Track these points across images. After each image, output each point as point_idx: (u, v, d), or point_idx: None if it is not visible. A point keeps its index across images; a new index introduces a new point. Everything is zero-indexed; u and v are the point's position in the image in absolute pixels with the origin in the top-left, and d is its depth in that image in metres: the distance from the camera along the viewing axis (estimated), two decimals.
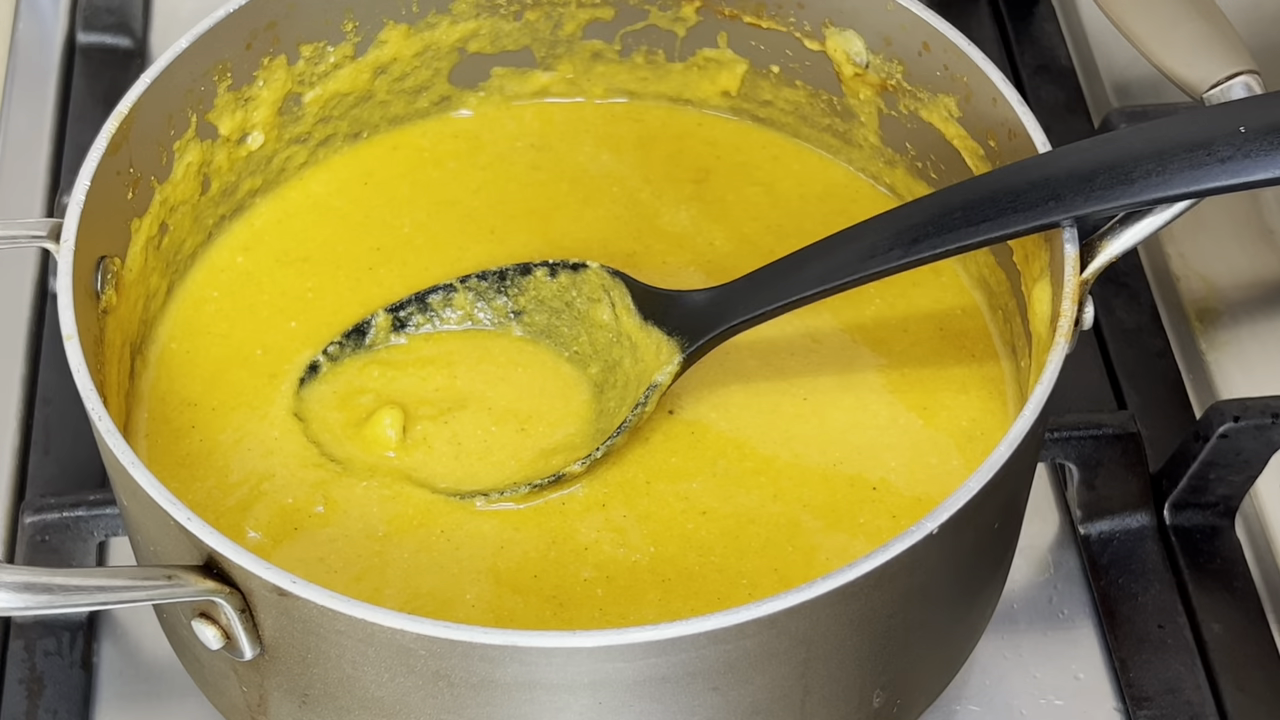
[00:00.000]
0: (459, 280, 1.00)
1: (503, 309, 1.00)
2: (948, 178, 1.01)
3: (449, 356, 0.99)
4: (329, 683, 0.81)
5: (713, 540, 0.91)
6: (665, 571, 0.90)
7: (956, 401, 0.97)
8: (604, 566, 0.91)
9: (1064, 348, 0.84)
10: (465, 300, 1.00)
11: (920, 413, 0.96)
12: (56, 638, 0.99)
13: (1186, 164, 0.82)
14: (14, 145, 1.23)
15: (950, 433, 0.95)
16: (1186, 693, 0.97)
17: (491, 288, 1.00)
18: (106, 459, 0.84)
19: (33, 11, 1.31)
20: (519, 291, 1.00)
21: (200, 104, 0.98)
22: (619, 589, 0.90)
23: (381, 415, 0.96)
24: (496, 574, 0.91)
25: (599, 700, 0.78)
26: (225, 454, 0.95)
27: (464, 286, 1.00)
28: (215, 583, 0.79)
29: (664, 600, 0.89)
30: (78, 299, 0.87)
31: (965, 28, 0.99)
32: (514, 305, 1.00)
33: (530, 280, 1.00)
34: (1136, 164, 0.83)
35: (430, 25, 1.05)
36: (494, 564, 0.91)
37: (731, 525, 0.92)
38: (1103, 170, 0.84)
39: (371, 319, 0.99)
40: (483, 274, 1.00)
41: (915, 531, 0.78)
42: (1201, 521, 1.04)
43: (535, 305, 1.00)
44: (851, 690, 0.84)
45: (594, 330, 0.98)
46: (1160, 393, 1.10)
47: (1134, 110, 1.15)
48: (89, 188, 0.90)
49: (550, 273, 1.00)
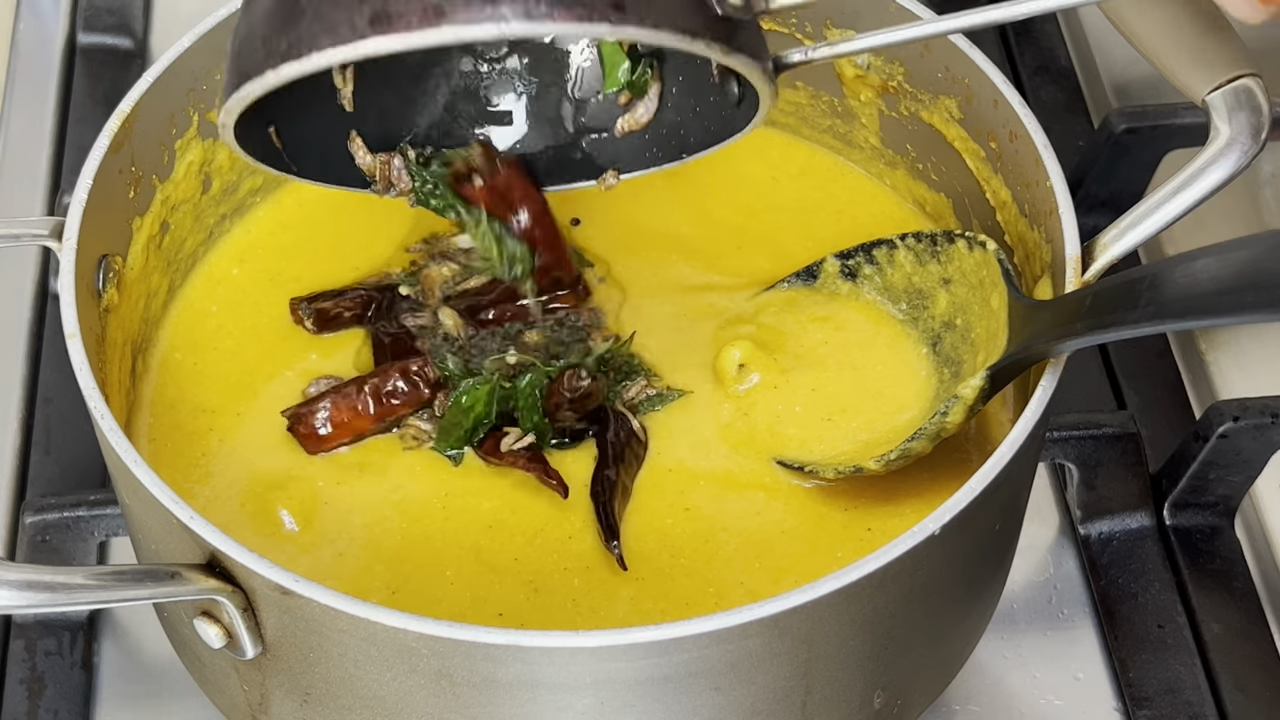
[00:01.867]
0: (899, 237, 0.97)
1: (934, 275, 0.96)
2: (948, 179, 1.01)
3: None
4: (331, 681, 0.81)
5: (684, 541, 0.91)
6: (640, 570, 0.91)
7: None
8: (584, 557, 0.91)
9: None
10: (906, 259, 0.97)
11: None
12: (57, 637, 0.99)
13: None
14: (15, 145, 1.23)
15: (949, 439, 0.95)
16: (1186, 693, 0.97)
17: (926, 250, 0.96)
18: (109, 458, 0.84)
19: (33, 12, 1.31)
20: (948, 259, 0.96)
21: (202, 103, 0.98)
22: (594, 581, 0.90)
23: (731, 348, 0.97)
24: (478, 552, 0.91)
25: (601, 700, 0.78)
26: (226, 455, 0.95)
27: (904, 244, 0.97)
28: (217, 581, 0.79)
29: (636, 598, 0.90)
30: (80, 298, 0.87)
31: None
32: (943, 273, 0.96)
33: (954, 249, 0.95)
34: None
35: None
36: (478, 542, 0.91)
37: (705, 528, 0.92)
38: None
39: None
40: (921, 234, 0.96)
41: (917, 532, 0.78)
42: (1201, 521, 1.04)
43: (959, 276, 0.95)
44: (853, 690, 0.84)
45: (986, 316, 0.93)
46: (1160, 393, 1.10)
47: (1134, 110, 1.15)
48: (91, 186, 0.90)
49: (968, 245, 0.94)
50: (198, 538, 0.78)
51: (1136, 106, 1.16)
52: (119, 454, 0.81)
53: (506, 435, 0.94)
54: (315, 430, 0.94)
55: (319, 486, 0.93)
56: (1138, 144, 1.15)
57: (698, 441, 0.95)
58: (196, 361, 0.99)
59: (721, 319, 1.00)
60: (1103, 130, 1.16)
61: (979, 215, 0.99)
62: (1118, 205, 0.90)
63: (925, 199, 1.04)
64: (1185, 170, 0.86)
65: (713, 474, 0.94)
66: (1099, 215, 1.14)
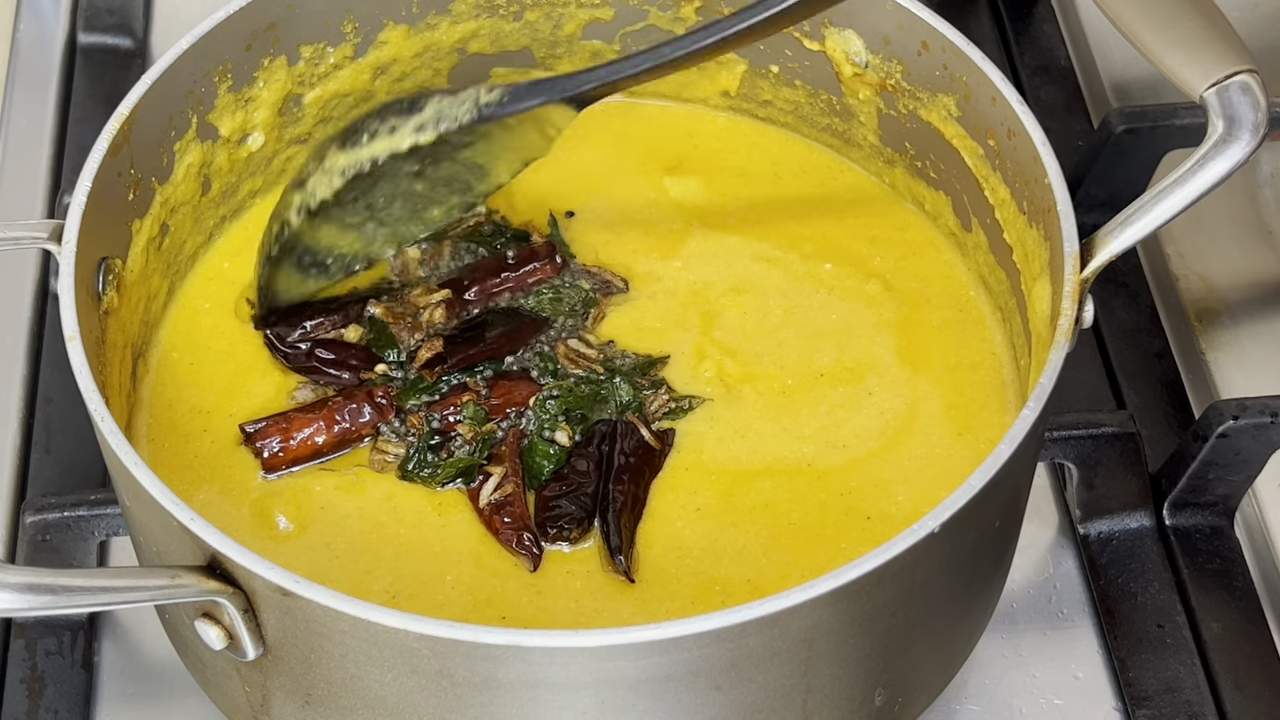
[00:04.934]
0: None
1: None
2: (947, 177, 1.01)
3: None
4: (332, 682, 0.81)
5: (693, 541, 0.92)
6: (646, 573, 0.91)
7: (956, 401, 0.97)
8: (586, 560, 0.91)
9: (1064, 346, 0.84)
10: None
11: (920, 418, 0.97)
12: (57, 637, 0.99)
13: None
14: (15, 146, 1.23)
15: (950, 438, 0.96)
16: (1185, 692, 0.97)
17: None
18: (109, 460, 0.84)
19: (33, 12, 1.31)
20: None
21: (201, 105, 0.98)
22: (597, 584, 0.90)
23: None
24: (478, 558, 0.91)
25: (602, 699, 0.78)
26: (226, 456, 0.95)
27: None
28: (218, 583, 0.79)
29: (640, 600, 0.90)
30: (79, 300, 0.87)
31: (964, 28, 0.99)
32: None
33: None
34: None
35: (430, 26, 1.05)
36: (477, 549, 0.91)
37: (714, 527, 0.92)
38: None
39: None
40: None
41: (917, 530, 0.78)
42: (1201, 521, 1.04)
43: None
44: (853, 689, 0.84)
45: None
46: (1159, 392, 1.10)
47: (1133, 110, 1.15)
48: (90, 189, 0.90)
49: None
50: (198, 539, 0.78)
51: (1136, 107, 1.16)
52: (119, 456, 0.81)
53: (488, 478, 0.94)
54: (262, 452, 0.94)
55: (315, 491, 0.93)
56: (1137, 144, 1.15)
57: (716, 439, 0.96)
58: (193, 361, 0.99)
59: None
60: (1102, 130, 1.16)
61: (978, 213, 1.00)
62: (1117, 205, 0.90)
63: (924, 197, 1.04)
64: (1183, 166, 0.86)
65: (723, 469, 0.94)
66: (1098, 215, 1.13)
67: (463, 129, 0.95)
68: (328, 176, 0.96)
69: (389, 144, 0.95)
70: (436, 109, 0.95)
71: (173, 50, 0.96)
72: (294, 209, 0.97)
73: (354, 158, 0.95)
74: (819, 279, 1.02)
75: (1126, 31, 0.92)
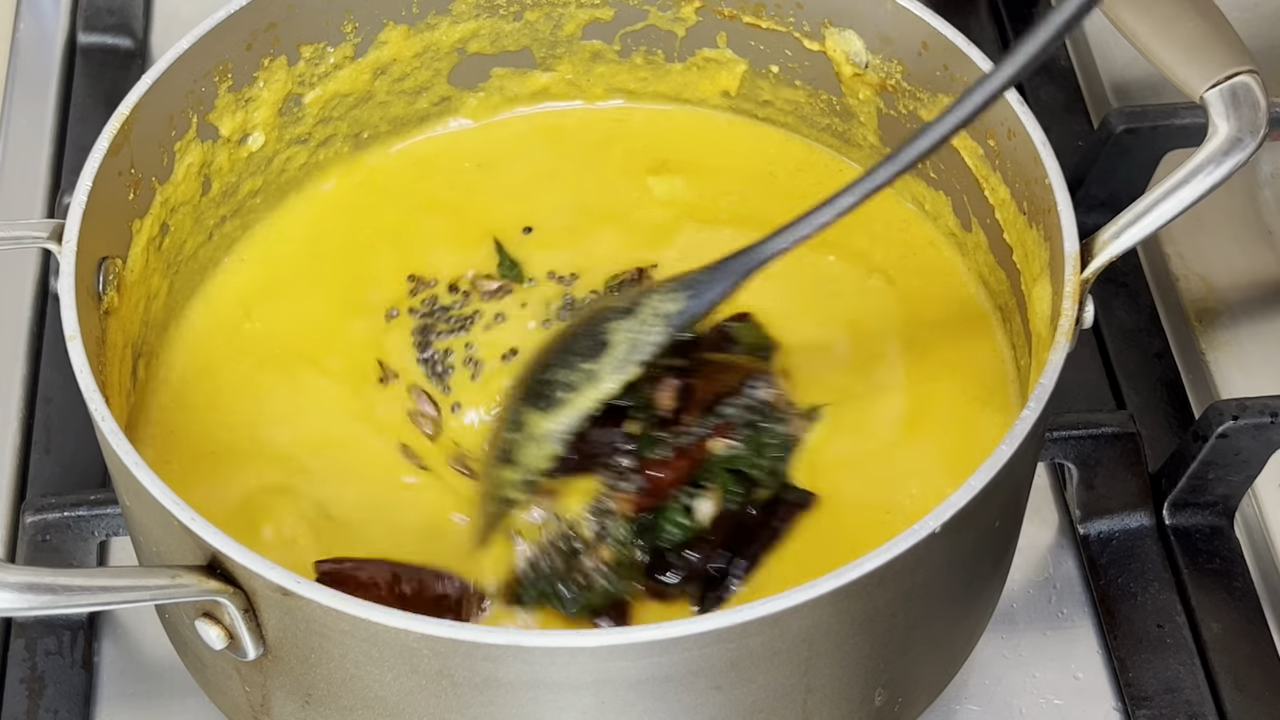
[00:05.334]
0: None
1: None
2: (946, 177, 1.01)
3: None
4: (332, 682, 0.81)
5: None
6: None
7: (957, 400, 0.97)
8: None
9: (1065, 346, 0.84)
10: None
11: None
12: (57, 637, 0.99)
13: None
14: (15, 146, 1.23)
15: (950, 437, 0.96)
16: (1185, 692, 0.97)
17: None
18: (110, 460, 0.84)
19: (33, 12, 1.31)
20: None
21: (201, 105, 0.98)
22: None
23: None
24: None
25: (602, 699, 0.78)
26: (226, 457, 0.95)
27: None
28: (219, 583, 0.79)
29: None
30: (80, 300, 0.87)
31: (964, 28, 0.99)
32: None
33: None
34: None
35: (430, 26, 1.05)
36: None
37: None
38: None
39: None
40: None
41: (918, 530, 0.78)
42: (1200, 521, 1.04)
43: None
44: (853, 689, 0.84)
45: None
46: (1159, 392, 1.10)
47: (1133, 110, 1.15)
48: (90, 188, 0.90)
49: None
50: (199, 539, 0.78)
51: (1136, 107, 1.16)
52: (120, 456, 0.81)
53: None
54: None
55: (320, 494, 0.93)
56: (1137, 144, 1.15)
57: None
58: (193, 362, 0.99)
59: None
60: (1102, 130, 1.16)
61: (977, 213, 1.00)
62: (1117, 205, 0.90)
63: (924, 196, 1.04)
64: (1184, 167, 0.86)
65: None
66: (1098, 215, 1.14)
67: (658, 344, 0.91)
68: (536, 445, 0.91)
69: (596, 394, 0.90)
70: (628, 340, 0.91)
71: (173, 50, 0.96)
72: (510, 486, 0.91)
73: (559, 421, 0.91)
74: (820, 269, 1.02)
75: (1126, 32, 0.92)
